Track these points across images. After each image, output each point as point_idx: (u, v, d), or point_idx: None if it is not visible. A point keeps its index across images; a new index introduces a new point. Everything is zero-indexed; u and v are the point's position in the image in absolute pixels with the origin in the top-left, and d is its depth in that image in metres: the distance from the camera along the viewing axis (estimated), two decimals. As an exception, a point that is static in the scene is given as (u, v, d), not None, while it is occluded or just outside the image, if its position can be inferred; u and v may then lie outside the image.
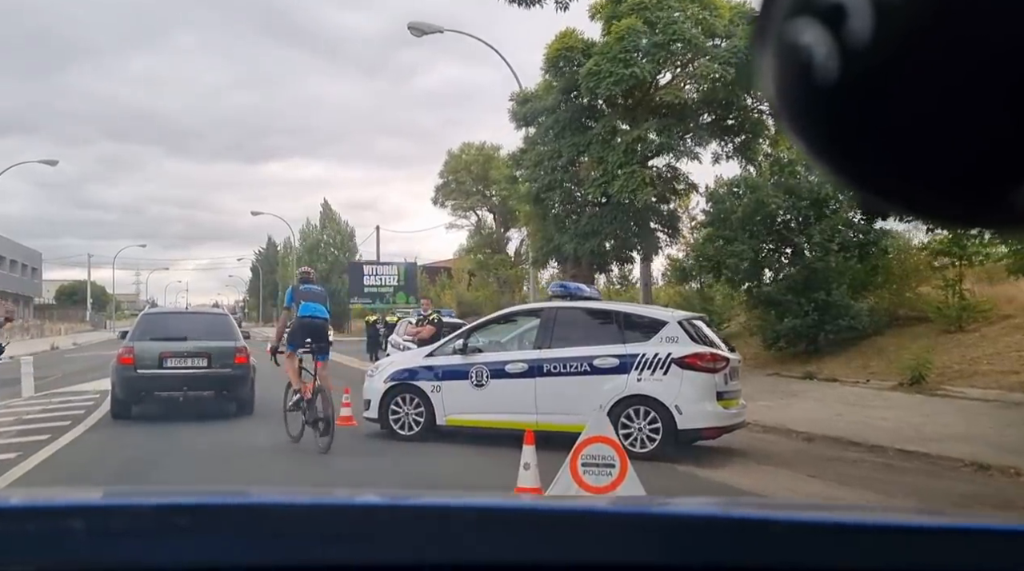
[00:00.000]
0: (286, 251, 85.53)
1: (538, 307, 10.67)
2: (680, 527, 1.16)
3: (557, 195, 18.59)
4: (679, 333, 9.19)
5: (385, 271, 48.60)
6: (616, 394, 9.14)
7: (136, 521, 1.11)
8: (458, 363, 10.04)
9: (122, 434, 11.30)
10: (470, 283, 61.35)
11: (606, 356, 9.30)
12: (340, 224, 66.00)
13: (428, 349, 10.72)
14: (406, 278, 48.92)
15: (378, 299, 46.62)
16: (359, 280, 47.90)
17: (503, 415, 9.69)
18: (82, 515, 1.11)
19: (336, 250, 64.43)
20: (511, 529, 1.11)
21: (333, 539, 1.05)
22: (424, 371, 10.23)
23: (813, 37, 0.44)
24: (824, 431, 11.07)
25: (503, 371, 9.74)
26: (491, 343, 10.30)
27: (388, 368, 10.64)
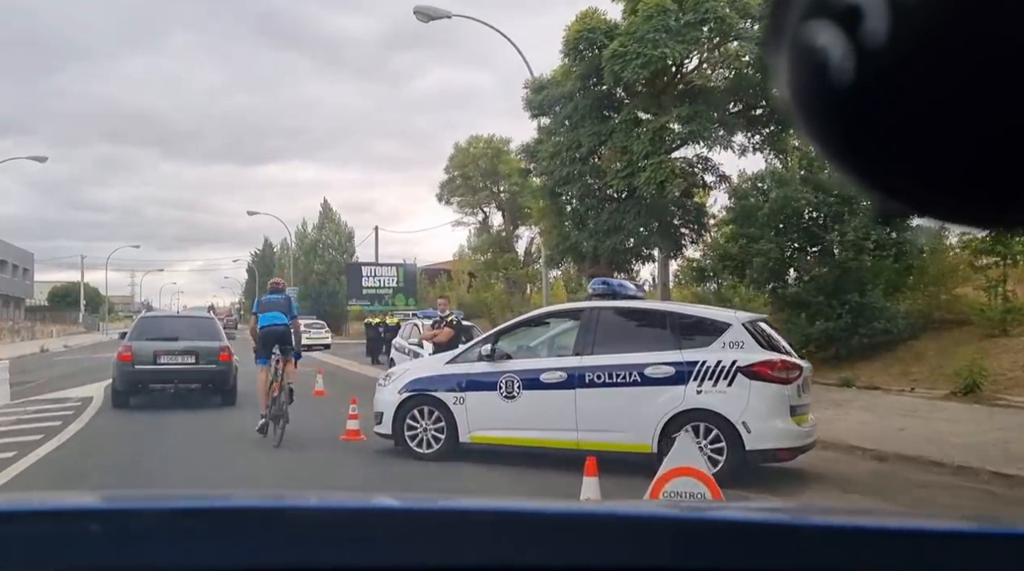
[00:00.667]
0: (283, 252, 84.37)
1: (576, 307, 9.34)
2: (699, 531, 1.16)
3: (575, 189, 17.29)
4: (744, 337, 7.90)
5: (384, 272, 47.52)
6: (672, 408, 7.87)
7: (153, 524, 1.13)
8: (485, 372, 8.75)
9: (98, 449, 10.03)
10: (471, 285, 60.36)
11: (659, 364, 8.01)
12: (339, 224, 64.71)
13: (448, 355, 9.41)
14: (405, 280, 47.78)
15: (377, 301, 45.62)
16: (357, 281, 46.91)
17: (537, 432, 8.41)
18: (98, 518, 1.14)
19: (334, 251, 63.12)
20: (528, 533, 1.11)
21: (348, 542, 1.06)
22: (445, 380, 8.93)
23: (828, 39, 0.43)
24: (894, 448, 9.79)
25: (537, 381, 8.45)
26: (522, 349, 9.00)
27: (403, 377, 9.32)
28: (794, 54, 0.46)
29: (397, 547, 1.06)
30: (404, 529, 1.13)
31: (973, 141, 0.44)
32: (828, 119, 0.47)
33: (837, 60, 0.43)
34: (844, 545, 1.09)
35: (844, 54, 0.43)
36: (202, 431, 11.72)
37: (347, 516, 1.20)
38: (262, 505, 1.37)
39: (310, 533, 1.06)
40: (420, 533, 1.10)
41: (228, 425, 12.36)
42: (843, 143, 0.47)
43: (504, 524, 1.15)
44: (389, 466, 8.94)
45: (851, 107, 0.45)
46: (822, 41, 0.44)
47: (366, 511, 1.30)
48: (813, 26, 0.44)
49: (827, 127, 0.47)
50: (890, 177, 0.47)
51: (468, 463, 8.70)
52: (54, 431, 11.34)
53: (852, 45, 0.43)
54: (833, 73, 0.44)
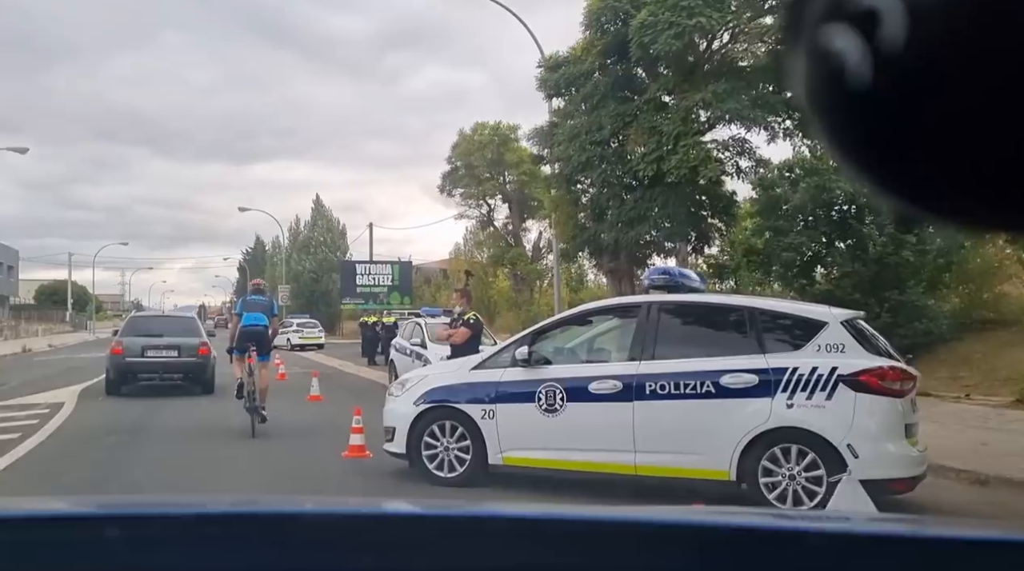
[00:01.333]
0: (275, 250, 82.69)
1: (631, 302, 7.79)
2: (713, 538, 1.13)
3: (594, 175, 15.78)
4: (844, 338, 6.42)
5: (379, 270, 46.19)
6: (755, 426, 6.39)
7: (169, 530, 1.12)
8: (520, 380, 7.24)
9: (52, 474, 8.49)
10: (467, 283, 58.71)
11: (738, 371, 6.53)
12: (332, 221, 63.13)
13: (472, 360, 7.89)
14: (400, 277, 46.38)
15: (371, 299, 44.28)
16: (351, 279, 45.58)
17: (586, 453, 6.92)
18: (116, 523, 1.12)
19: (327, 248, 61.54)
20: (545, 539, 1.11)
21: (363, 548, 1.06)
22: (471, 390, 7.42)
23: (846, 42, 0.43)
24: (991, 469, 8.35)
25: (586, 391, 6.95)
26: (565, 352, 7.51)
27: (419, 385, 7.79)
28: (811, 57, 0.46)
29: (412, 554, 1.05)
30: (417, 535, 1.13)
31: (991, 146, 0.43)
32: (845, 123, 0.46)
33: (854, 64, 0.43)
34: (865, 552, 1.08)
35: (861, 58, 0.43)
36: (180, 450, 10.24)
37: (361, 522, 1.20)
38: (277, 511, 1.32)
39: (323, 538, 1.06)
40: (437, 538, 1.10)
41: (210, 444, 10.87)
42: (860, 148, 0.47)
43: (516, 531, 1.14)
44: (403, 491, 7.46)
45: (868, 111, 0.45)
46: (839, 45, 0.44)
47: (382, 517, 1.30)
48: (830, 29, 0.44)
49: (844, 131, 0.47)
50: (906, 182, 0.47)
51: (498, 489, 7.21)
52: (8, 445, 9.80)
53: (869, 49, 0.43)
54: (850, 77, 0.43)
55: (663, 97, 15.58)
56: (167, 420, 12.91)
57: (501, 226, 22.86)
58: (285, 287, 52.38)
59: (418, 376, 8.09)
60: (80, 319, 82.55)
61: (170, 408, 14.37)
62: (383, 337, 29.30)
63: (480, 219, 23.38)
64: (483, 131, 22.16)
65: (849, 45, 0.43)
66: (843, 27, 0.44)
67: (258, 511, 1.32)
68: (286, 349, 38.06)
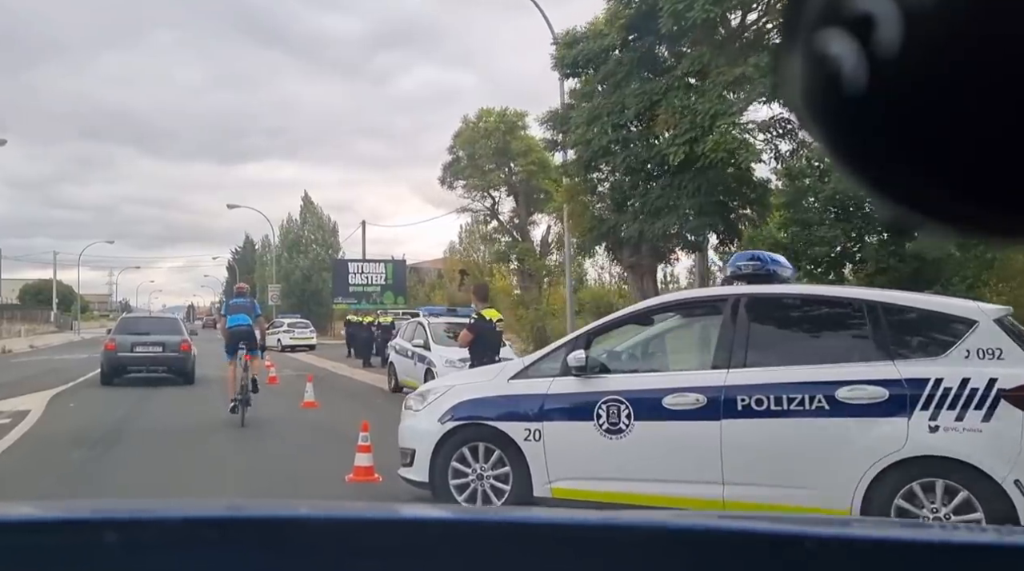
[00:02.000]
0: (264, 249, 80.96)
1: (711, 296, 6.26)
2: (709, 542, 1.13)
3: (617, 160, 14.33)
4: (1002, 341, 4.98)
5: (372, 269, 44.91)
6: (886, 454, 4.95)
7: (163, 534, 1.11)
8: (573, 392, 5.78)
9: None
10: (462, 282, 57.10)
11: (860, 383, 5.08)
12: (322, 219, 61.53)
13: (511, 367, 6.38)
14: (394, 277, 45.09)
15: (364, 299, 42.94)
16: (344, 278, 44.26)
17: (659, 484, 5.46)
18: (109, 528, 1.10)
19: (318, 246, 59.95)
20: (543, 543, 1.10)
21: (359, 553, 1.05)
22: (511, 404, 5.96)
23: (841, 47, 0.43)
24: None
25: (659, 407, 5.51)
26: (628, 358, 6.07)
27: (445, 398, 6.29)
28: (807, 61, 0.46)
29: (409, 559, 1.05)
30: (414, 540, 1.11)
31: (986, 151, 0.43)
32: (840, 128, 0.46)
33: (850, 68, 0.43)
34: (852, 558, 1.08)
35: (857, 62, 0.43)
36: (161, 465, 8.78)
37: (357, 527, 1.17)
38: (275, 515, 1.29)
39: (317, 544, 1.05)
40: (433, 544, 1.09)
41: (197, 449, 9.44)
42: (856, 152, 0.47)
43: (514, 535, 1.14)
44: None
45: (864, 116, 0.45)
46: (835, 49, 0.44)
47: (377, 522, 1.25)
48: (826, 34, 0.44)
49: (840, 136, 0.47)
50: (902, 187, 0.47)
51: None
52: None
53: (865, 53, 0.43)
54: (846, 81, 0.43)
55: (693, 76, 14.17)
56: (147, 427, 11.49)
57: (507, 220, 21.37)
58: (275, 286, 50.83)
59: (443, 387, 6.57)
60: (65, 319, 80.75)
61: (148, 415, 12.91)
62: (379, 338, 27.86)
63: (484, 213, 21.86)
64: (488, 118, 20.71)
65: (845, 49, 0.43)
66: (839, 31, 0.43)
67: (253, 515, 1.28)
68: (276, 350, 36.56)
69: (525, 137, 21.04)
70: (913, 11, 0.42)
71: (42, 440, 10.34)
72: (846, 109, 0.45)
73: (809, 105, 0.47)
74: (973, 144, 0.44)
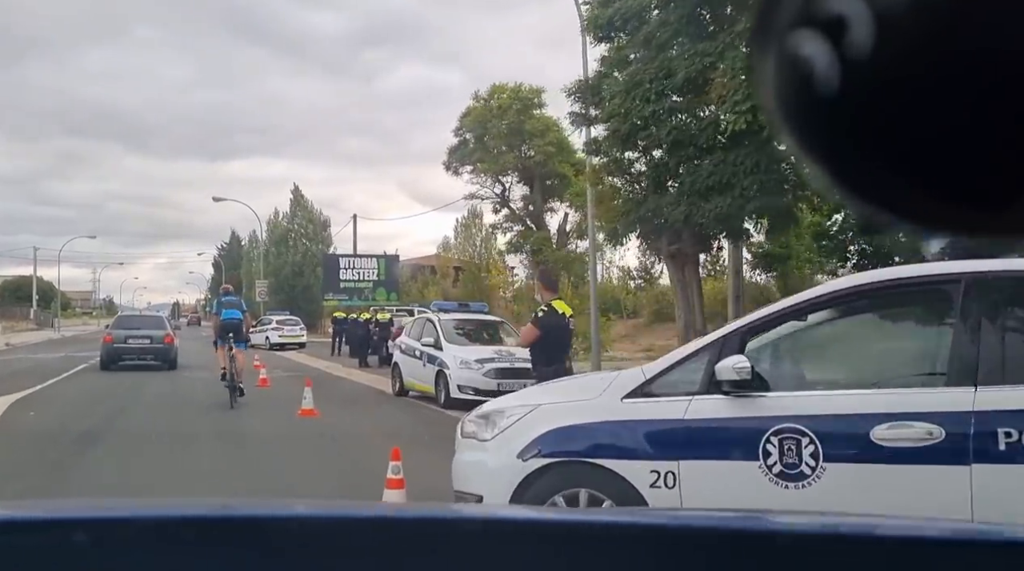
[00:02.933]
0: (251, 245, 78.72)
1: (932, 275, 4.17)
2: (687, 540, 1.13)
3: (664, 133, 12.46)
4: None
5: (363, 264, 43.24)
6: None
7: (141, 534, 1.08)
8: (724, 417, 3.88)
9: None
10: (457, 278, 55.12)
11: None
12: (313, 213, 59.40)
13: (624, 381, 4.43)
14: (386, 272, 43.37)
15: (355, 295, 41.30)
16: (335, 274, 42.62)
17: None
18: (86, 528, 1.07)
19: (308, 241, 57.86)
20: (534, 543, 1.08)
21: (346, 553, 1.03)
22: (627, 434, 4.08)
23: (814, 48, 0.44)
24: None
25: (864, 442, 3.64)
26: (804, 368, 4.23)
27: (527, 425, 4.34)
28: (780, 63, 0.46)
29: (397, 558, 1.03)
30: (403, 539, 1.09)
31: (961, 150, 0.44)
32: (813, 128, 0.47)
33: (822, 70, 0.44)
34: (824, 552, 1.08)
35: (829, 64, 0.43)
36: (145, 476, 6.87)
37: (344, 526, 1.13)
38: (253, 514, 1.25)
39: (304, 543, 1.03)
40: (423, 543, 1.08)
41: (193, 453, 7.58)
42: (829, 153, 0.47)
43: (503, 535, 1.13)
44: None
45: (836, 117, 0.45)
46: (808, 50, 0.44)
47: (364, 521, 1.22)
48: (799, 35, 0.44)
49: (812, 136, 0.47)
50: (874, 187, 0.47)
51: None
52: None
53: (837, 55, 0.43)
54: (818, 83, 0.44)
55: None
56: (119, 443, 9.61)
57: (519, 207, 19.46)
58: (263, 282, 48.79)
59: (520, 406, 4.62)
60: (46, 317, 78.51)
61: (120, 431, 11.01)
62: (377, 336, 25.96)
63: (494, 200, 19.95)
64: (501, 94, 18.79)
65: (817, 51, 0.43)
66: (811, 33, 0.44)
67: (236, 514, 1.24)
68: (264, 348, 34.57)
69: (541, 116, 19.15)
70: (885, 13, 0.42)
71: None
72: (818, 110, 0.45)
73: (782, 106, 0.47)
74: (943, 144, 0.44)
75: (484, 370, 14.17)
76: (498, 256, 55.27)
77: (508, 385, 14.17)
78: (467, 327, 16.10)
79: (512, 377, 14.21)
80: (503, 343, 15.71)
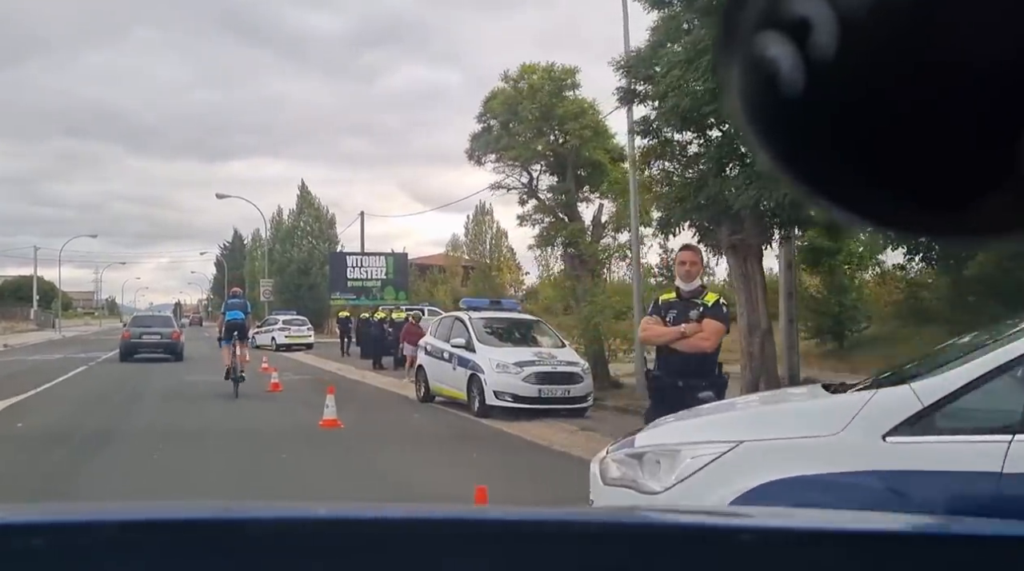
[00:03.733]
0: (255, 244, 77.24)
1: None
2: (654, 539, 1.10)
3: (740, 102, 10.94)
4: None
5: (371, 262, 41.90)
6: None
7: (99, 539, 1.01)
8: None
9: None
10: (467, 276, 53.71)
11: None
12: (320, 210, 57.90)
13: (887, 405, 2.86)
14: (395, 271, 42.04)
15: (363, 294, 40.00)
16: (342, 273, 41.21)
17: None
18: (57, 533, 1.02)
19: (314, 239, 56.38)
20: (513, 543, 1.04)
21: (316, 554, 0.97)
22: (909, 491, 2.64)
23: (779, 50, 0.44)
24: None
25: None
26: None
27: (732, 470, 2.75)
28: (745, 64, 0.46)
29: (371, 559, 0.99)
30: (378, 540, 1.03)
31: (922, 151, 0.44)
32: (777, 129, 0.47)
33: (787, 71, 0.44)
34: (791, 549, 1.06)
35: (794, 65, 0.44)
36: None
37: (313, 527, 1.06)
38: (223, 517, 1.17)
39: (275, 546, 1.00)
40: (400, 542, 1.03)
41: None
42: (793, 154, 0.48)
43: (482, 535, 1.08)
44: None
45: (801, 118, 0.45)
46: (773, 52, 0.44)
47: (334, 522, 1.12)
48: (764, 37, 0.45)
49: (776, 137, 0.47)
50: (837, 188, 0.48)
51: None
52: None
53: (802, 56, 0.43)
54: (783, 84, 0.44)
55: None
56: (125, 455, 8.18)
57: (550, 197, 17.97)
58: (267, 281, 47.37)
59: (706, 443, 3.09)
60: (47, 317, 77.29)
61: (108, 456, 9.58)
62: (392, 336, 24.52)
63: (521, 190, 18.46)
64: (532, 74, 17.33)
65: (782, 52, 0.44)
66: (776, 35, 0.44)
67: (204, 517, 1.17)
68: (271, 349, 33.13)
69: (576, 99, 17.66)
70: (849, 15, 0.42)
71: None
72: (783, 111, 0.45)
73: (747, 106, 0.47)
74: (903, 145, 0.44)
75: (524, 374, 12.68)
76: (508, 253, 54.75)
77: (550, 392, 12.73)
78: (498, 326, 14.63)
79: (556, 383, 12.77)
80: (539, 344, 14.26)
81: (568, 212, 17.96)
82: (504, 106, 17.89)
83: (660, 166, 13.68)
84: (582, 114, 17.29)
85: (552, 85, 17.43)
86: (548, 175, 18.75)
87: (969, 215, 0.46)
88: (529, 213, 18.53)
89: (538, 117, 17.38)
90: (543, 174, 18.77)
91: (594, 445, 10.68)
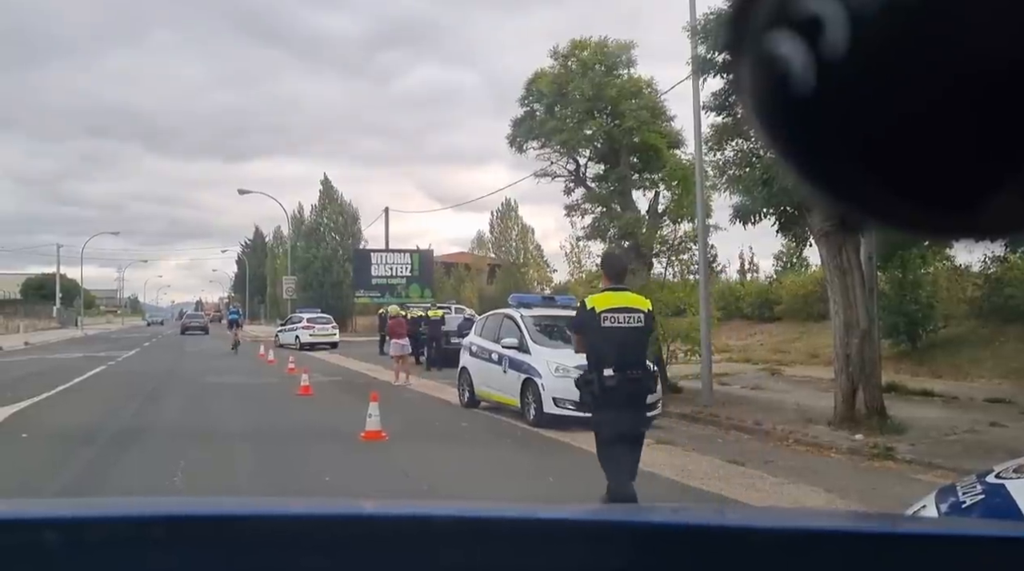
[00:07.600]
0: (276, 241, 76.25)
1: None
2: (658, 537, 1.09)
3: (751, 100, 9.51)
4: None
5: (396, 259, 40.87)
6: None
7: (111, 534, 1.04)
8: None
9: None
10: (493, 274, 52.32)
11: None
12: (343, 205, 56.68)
13: None
14: (420, 268, 40.91)
15: (388, 292, 38.96)
16: (366, 270, 40.29)
17: None
18: (55, 528, 1.03)
19: (338, 235, 55.20)
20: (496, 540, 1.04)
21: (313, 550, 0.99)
22: None
23: (790, 49, 0.44)
24: None
25: None
26: None
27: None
28: (756, 63, 0.46)
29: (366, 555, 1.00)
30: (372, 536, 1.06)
31: (933, 150, 0.44)
32: (788, 128, 0.47)
33: (798, 70, 0.44)
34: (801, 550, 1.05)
35: (805, 64, 0.44)
36: None
37: (309, 524, 1.09)
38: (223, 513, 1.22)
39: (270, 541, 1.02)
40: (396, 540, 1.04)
41: None
42: (804, 152, 0.48)
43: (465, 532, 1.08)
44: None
45: (812, 117, 0.46)
46: (784, 51, 0.44)
47: (329, 518, 1.17)
48: (775, 36, 0.45)
49: (788, 136, 0.48)
50: (848, 187, 0.48)
51: None
52: None
53: (813, 55, 0.44)
54: (794, 83, 0.44)
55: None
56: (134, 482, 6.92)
57: (601, 186, 16.52)
58: (290, 278, 46.22)
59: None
60: (69, 315, 76.78)
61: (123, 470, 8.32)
62: (428, 335, 23.21)
63: (567, 178, 17.03)
64: (582, 51, 15.89)
65: (793, 51, 0.44)
66: (787, 33, 0.44)
67: (200, 513, 1.21)
68: (295, 348, 31.90)
69: (632, 77, 16.20)
70: (859, 13, 0.42)
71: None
72: (794, 109, 0.45)
73: (757, 104, 0.47)
74: (916, 144, 0.44)
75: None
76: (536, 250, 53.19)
77: (616, 398, 11.36)
78: (553, 324, 13.18)
79: (622, 389, 11.35)
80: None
81: (621, 201, 16.50)
82: (552, 86, 16.43)
83: (737, 145, 12.26)
84: (639, 93, 15.83)
85: (606, 63, 15.97)
86: (595, 163, 17.30)
87: (979, 214, 0.46)
88: (578, 202, 17.09)
89: (589, 97, 15.92)
90: (592, 160, 17.32)
91: (678, 461, 9.27)
